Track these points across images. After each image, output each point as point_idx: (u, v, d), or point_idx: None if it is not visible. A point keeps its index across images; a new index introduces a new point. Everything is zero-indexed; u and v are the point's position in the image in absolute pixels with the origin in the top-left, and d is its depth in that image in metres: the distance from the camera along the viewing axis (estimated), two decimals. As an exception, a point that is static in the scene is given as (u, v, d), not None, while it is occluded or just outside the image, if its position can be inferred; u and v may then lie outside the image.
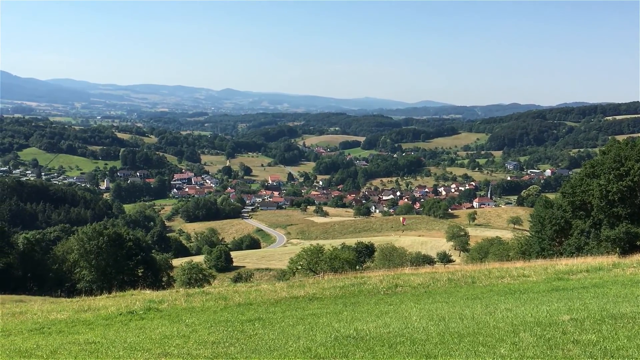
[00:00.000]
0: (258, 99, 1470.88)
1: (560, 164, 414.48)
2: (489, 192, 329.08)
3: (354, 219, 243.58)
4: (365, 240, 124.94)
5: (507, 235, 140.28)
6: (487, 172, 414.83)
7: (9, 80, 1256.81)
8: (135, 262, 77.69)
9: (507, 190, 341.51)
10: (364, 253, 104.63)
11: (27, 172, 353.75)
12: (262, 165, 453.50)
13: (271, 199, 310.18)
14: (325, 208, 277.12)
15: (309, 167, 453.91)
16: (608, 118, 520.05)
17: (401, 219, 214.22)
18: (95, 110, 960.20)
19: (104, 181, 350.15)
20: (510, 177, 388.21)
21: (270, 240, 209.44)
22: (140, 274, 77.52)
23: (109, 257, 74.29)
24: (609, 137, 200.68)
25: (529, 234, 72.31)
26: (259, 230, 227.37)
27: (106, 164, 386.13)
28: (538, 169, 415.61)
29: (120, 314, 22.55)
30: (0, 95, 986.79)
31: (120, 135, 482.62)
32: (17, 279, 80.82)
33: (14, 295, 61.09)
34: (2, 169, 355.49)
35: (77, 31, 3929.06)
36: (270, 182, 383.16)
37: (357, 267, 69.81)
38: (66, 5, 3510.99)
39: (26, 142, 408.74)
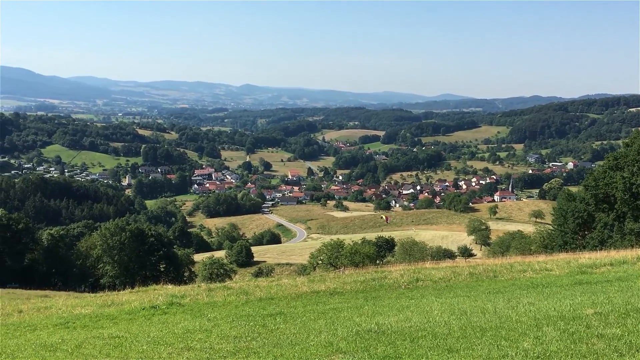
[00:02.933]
0: (277, 94, 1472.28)
1: (582, 157, 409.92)
2: (510, 186, 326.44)
3: (374, 213, 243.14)
4: (386, 234, 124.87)
5: (529, 229, 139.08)
6: (509, 166, 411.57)
7: (32, 78, 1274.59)
8: (157, 257, 78.52)
9: (529, 184, 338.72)
10: (385, 247, 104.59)
11: (51, 169, 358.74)
12: (282, 161, 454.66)
13: (291, 194, 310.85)
14: (345, 203, 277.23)
15: (328, 161, 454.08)
16: (631, 109, 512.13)
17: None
18: (117, 107, 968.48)
19: (125, 177, 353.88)
20: (532, 170, 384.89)
21: (291, 235, 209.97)
22: (162, 269, 78.37)
23: (131, 253, 75.15)
24: (633, 129, 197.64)
25: (551, 228, 71.61)
26: (280, 225, 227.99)
27: (128, 161, 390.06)
28: (560, 162, 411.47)
29: (143, 309, 22.74)
30: (24, 93, 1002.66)
31: (141, 131, 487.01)
32: (42, 274, 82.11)
33: (39, 291, 62.03)
34: (26, 166, 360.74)
35: (99, 29, 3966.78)
36: (290, 177, 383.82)
37: (378, 262, 69.76)
38: (88, 4, 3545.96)
39: (49, 139, 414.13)
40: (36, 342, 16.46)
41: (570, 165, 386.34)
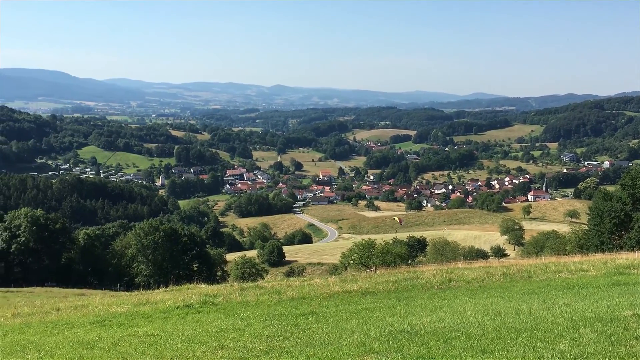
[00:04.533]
0: (308, 95, 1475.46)
1: (619, 155, 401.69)
2: (545, 185, 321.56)
3: (405, 213, 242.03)
4: (417, 234, 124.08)
5: (563, 228, 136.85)
6: (542, 165, 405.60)
7: (68, 81, 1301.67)
8: (190, 256, 79.27)
9: (564, 183, 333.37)
10: (416, 247, 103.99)
11: (87, 169, 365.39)
12: (313, 161, 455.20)
13: (322, 194, 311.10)
14: (376, 202, 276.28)
15: (359, 161, 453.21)
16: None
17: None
18: (150, 109, 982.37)
19: (159, 178, 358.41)
20: (567, 169, 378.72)
21: (322, 235, 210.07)
22: (195, 269, 79.10)
23: (165, 252, 76.04)
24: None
25: (586, 228, 70.34)
26: (311, 225, 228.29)
27: (161, 161, 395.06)
28: (596, 161, 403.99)
29: (177, 308, 23.01)
30: (60, 95, 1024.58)
31: (174, 132, 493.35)
32: (79, 273, 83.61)
33: (75, 289, 63.27)
34: (63, 166, 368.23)
35: (132, 32, 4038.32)
36: (321, 177, 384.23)
37: (410, 262, 69.41)
38: (122, 7, 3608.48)
39: (85, 140, 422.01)
40: (74, 340, 16.80)
41: (607, 164, 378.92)
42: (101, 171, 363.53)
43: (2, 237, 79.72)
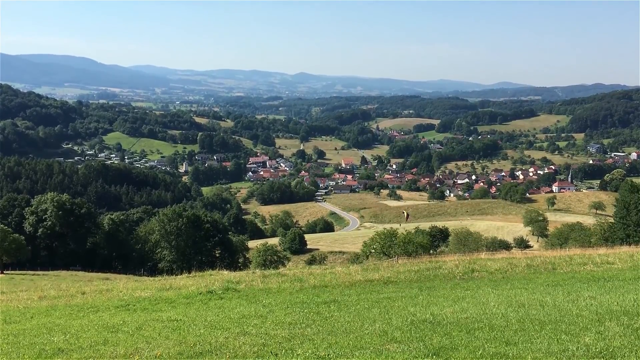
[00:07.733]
0: (332, 83, 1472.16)
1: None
2: (570, 176, 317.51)
3: (428, 202, 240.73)
4: (440, 224, 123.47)
5: (588, 220, 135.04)
6: (568, 156, 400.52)
7: (95, 68, 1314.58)
8: (212, 243, 79.97)
9: (589, 174, 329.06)
10: (438, 237, 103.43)
11: (112, 155, 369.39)
12: (336, 149, 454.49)
13: (344, 183, 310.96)
14: (398, 192, 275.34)
15: (382, 150, 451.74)
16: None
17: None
18: (175, 96, 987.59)
19: (182, 164, 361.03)
20: (593, 160, 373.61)
21: (344, 224, 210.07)
22: (217, 255, 79.79)
23: (188, 238, 76.77)
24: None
25: (612, 220, 69.47)
26: (333, 214, 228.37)
27: (185, 148, 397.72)
28: (623, 152, 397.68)
29: (200, 293, 23.21)
30: (87, 82, 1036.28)
31: (198, 119, 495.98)
32: (103, 257, 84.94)
33: (100, 273, 64.30)
34: (88, 152, 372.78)
35: (158, 19, 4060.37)
36: (343, 165, 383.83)
37: (432, 252, 69.14)
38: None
39: (110, 126, 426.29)
40: (99, 323, 17.06)
41: (634, 155, 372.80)
42: (126, 157, 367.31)
43: (29, 221, 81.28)
